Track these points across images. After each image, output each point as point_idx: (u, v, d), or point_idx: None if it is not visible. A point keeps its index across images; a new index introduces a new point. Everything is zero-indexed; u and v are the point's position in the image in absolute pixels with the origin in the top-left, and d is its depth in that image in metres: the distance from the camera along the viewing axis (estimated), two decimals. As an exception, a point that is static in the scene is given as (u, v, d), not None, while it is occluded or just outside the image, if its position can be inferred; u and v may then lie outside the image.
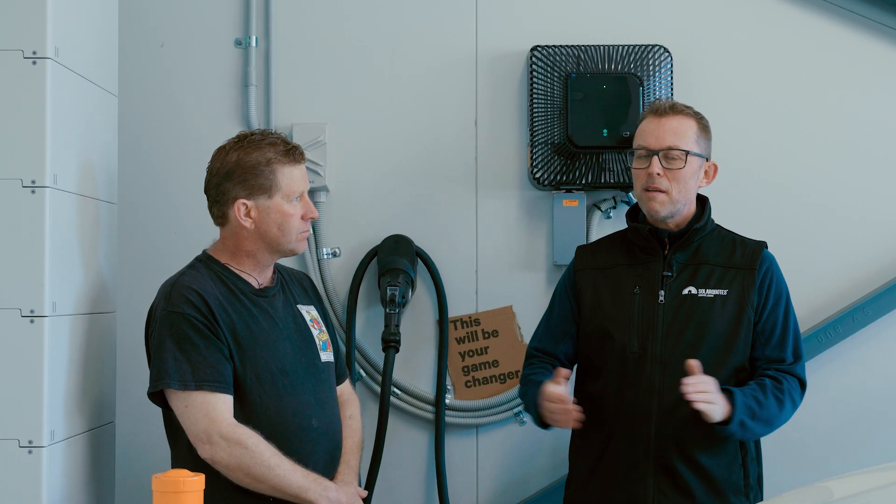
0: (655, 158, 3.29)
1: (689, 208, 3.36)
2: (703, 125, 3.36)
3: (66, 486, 3.14)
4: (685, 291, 3.30)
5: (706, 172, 3.38)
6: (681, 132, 3.31)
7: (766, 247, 3.39)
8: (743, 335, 3.29)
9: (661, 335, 3.28)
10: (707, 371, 3.20)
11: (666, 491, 3.25)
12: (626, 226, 3.44)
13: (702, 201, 3.41)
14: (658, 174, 3.28)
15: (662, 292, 3.31)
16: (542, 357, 3.48)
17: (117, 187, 3.63)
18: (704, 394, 3.10)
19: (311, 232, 3.83)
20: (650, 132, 3.33)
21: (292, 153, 3.16)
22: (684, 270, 3.33)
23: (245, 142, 3.15)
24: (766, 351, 3.31)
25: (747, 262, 3.33)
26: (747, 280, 3.31)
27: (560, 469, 3.92)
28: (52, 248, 3.04)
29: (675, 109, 3.34)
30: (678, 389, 3.12)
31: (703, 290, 3.30)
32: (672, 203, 3.30)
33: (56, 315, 3.06)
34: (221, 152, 3.17)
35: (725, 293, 3.30)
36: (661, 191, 3.29)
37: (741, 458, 3.30)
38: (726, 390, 3.18)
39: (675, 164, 3.29)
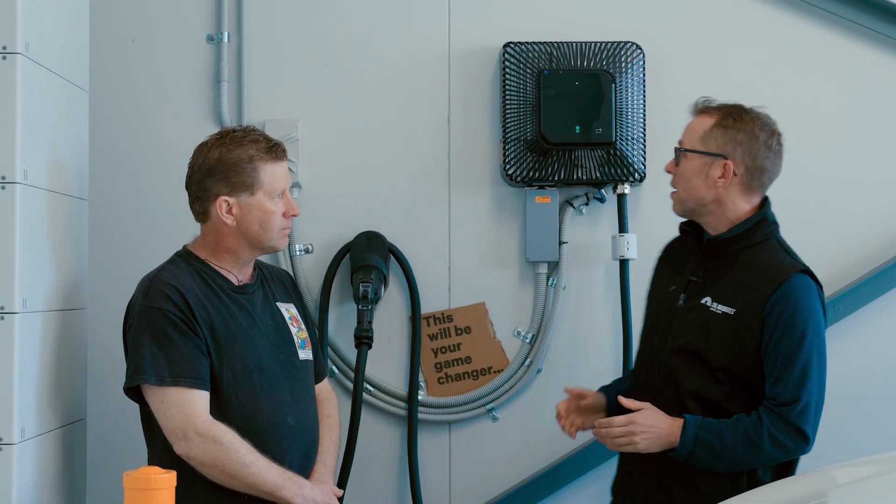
0: (672, 158, 3.20)
1: (725, 212, 3.11)
2: (721, 123, 3.10)
3: (37, 483, 3.12)
4: (702, 300, 3.10)
5: (725, 171, 3.08)
6: (689, 130, 3.16)
7: (804, 272, 3.06)
8: (741, 361, 3.03)
9: (670, 339, 3.13)
10: (698, 389, 3.05)
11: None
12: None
13: (761, 207, 3.16)
14: (669, 171, 3.20)
15: (683, 296, 3.14)
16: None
17: (88, 183, 3.62)
18: (610, 437, 3.02)
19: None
20: None
21: (274, 150, 3.14)
22: (711, 278, 3.12)
23: (227, 138, 3.12)
24: (768, 386, 3.02)
25: (764, 286, 3.03)
26: (756, 305, 3.02)
27: (532, 465, 3.93)
28: (22, 245, 3.02)
29: (699, 108, 3.17)
30: (673, 399, 3.05)
31: (716, 305, 3.07)
32: (681, 202, 3.16)
33: (26, 312, 3.04)
34: (203, 148, 3.14)
35: (733, 312, 3.04)
36: (674, 188, 3.19)
37: (746, 482, 3.02)
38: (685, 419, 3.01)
39: (675, 163, 3.17)
